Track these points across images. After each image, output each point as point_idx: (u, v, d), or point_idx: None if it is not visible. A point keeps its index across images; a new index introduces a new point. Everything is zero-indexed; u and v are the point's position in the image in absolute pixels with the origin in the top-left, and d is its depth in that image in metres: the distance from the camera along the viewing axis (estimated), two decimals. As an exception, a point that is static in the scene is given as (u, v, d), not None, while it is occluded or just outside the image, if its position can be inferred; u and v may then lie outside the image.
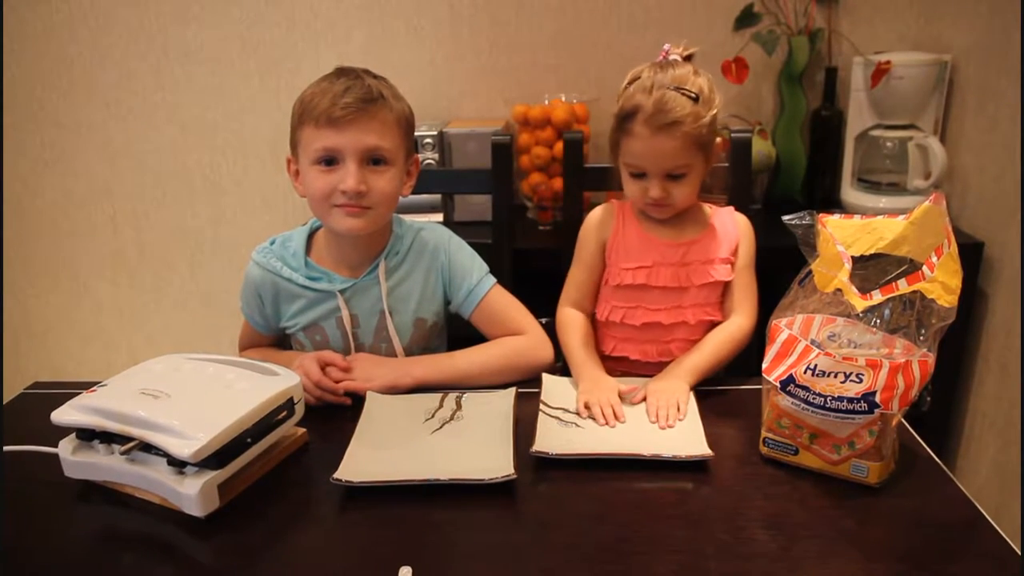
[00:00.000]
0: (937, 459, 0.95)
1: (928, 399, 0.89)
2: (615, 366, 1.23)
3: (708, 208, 1.24)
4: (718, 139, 1.16)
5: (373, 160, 1.12)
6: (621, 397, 1.09)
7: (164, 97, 2.18)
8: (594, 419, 1.05)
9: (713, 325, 1.21)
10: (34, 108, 2.20)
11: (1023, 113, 1.57)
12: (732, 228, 1.22)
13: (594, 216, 1.26)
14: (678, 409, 1.05)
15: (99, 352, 2.47)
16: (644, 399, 1.09)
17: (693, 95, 1.10)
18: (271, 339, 1.29)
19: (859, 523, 0.83)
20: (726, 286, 1.22)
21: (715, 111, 1.13)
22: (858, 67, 1.89)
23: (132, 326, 2.43)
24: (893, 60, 1.81)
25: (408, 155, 1.18)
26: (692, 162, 1.13)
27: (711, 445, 0.94)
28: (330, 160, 1.10)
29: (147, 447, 0.87)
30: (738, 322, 1.19)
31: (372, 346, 1.22)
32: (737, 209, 1.27)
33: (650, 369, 1.20)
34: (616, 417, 1.05)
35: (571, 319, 1.25)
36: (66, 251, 2.34)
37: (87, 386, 0.95)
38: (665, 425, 1.03)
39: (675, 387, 1.09)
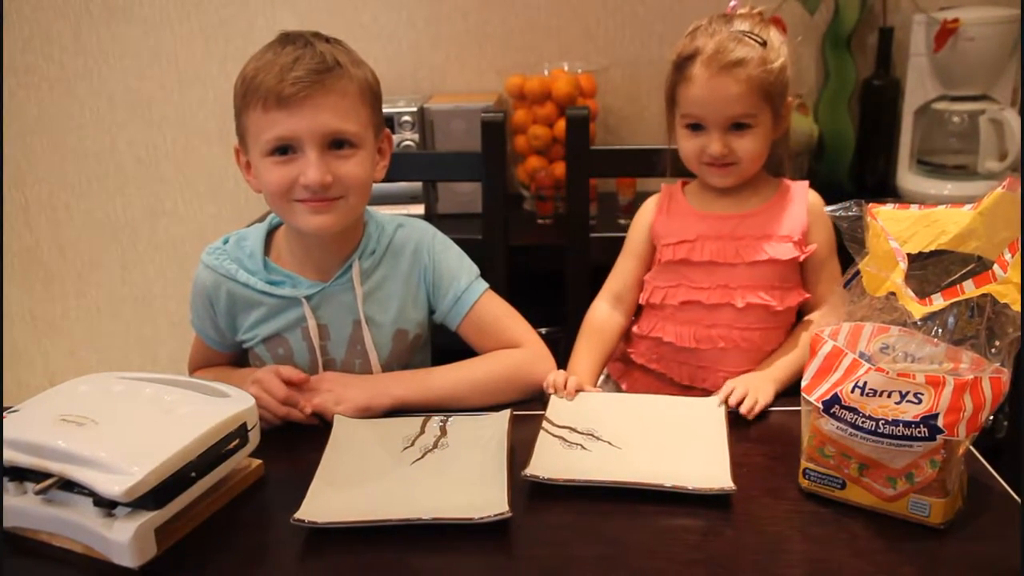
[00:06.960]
0: (1015, 495, 0.96)
1: (1004, 423, 0.90)
2: (651, 347, 1.31)
3: (779, 182, 1.28)
4: (789, 98, 1.21)
5: (336, 143, 1.12)
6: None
7: (87, 63, 2.18)
8: (555, 390, 1.14)
9: (768, 312, 1.23)
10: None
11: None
12: (801, 205, 1.26)
13: (644, 205, 1.35)
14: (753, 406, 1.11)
15: (8, 370, 2.45)
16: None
17: (760, 40, 1.16)
18: (228, 357, 1.30)
19: (920, 571, 0.84)
20: (803, 272, 1.26)
21: (784, 60, 1.18)
22: (919, 27, 1.90)
23: (49, 338, 2.43)
24: (962, 17, 1.81)
25: (377, 131, 1.19)
26: (757, 113, 1.18)
27: (741, 476, 0.95)
28: (285, 149, 1.11)
29: (68, 485, 0.87)
30: None
31: (344, 361, 1.23)
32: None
33: (685, 356, 1.27)
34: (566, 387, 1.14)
35: (594, 320, 1.34)
36: (-33, 249, 2.33)
37: (-5, 412, 0.94)
38: (747, 413, 1.09)
39: (760, 384, 1.14)
